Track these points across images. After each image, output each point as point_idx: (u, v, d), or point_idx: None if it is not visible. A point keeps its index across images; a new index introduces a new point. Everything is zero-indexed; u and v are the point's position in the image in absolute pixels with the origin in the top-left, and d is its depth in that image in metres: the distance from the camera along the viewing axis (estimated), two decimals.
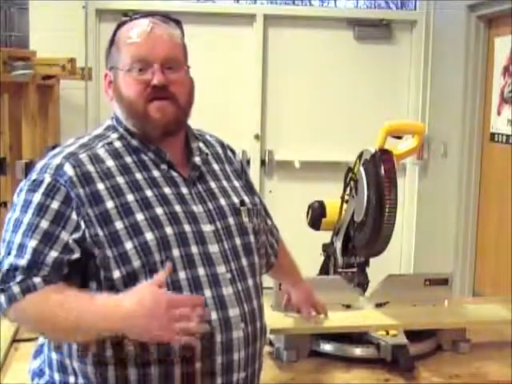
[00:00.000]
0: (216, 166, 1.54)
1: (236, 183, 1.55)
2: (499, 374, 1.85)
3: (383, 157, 1.96)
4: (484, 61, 4.12)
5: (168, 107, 1.41)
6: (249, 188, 1.60)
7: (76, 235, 1.32)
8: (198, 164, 1.48)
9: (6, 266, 1.30)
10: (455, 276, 4.02)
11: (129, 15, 5.13)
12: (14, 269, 1.29)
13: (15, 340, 1.99)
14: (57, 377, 1.40)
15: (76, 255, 1.32)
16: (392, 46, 4.93)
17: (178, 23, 1.50)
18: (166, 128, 1.43)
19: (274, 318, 1.93)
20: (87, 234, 1.32)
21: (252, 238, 1.50)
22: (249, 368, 1.43)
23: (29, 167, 3.47)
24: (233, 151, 1.63)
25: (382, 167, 1.93)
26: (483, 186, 4.18)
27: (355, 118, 4.84)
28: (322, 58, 4.85)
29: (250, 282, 1.46)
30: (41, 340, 1.46)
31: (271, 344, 1.95)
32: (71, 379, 1.38)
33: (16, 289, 1.28)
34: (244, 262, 1.46)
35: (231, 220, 1.46)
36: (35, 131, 3.79)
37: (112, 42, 1.46)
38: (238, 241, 1.46)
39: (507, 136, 3.82)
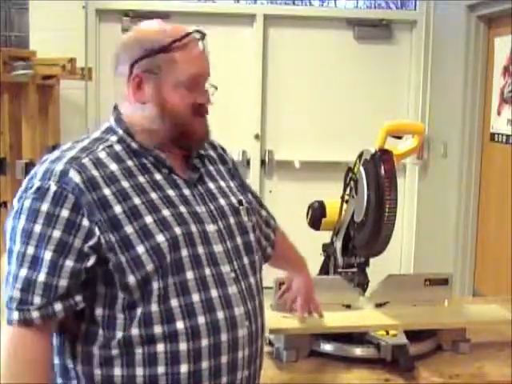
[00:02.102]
0: (211, 167, 1.55)
1: (231, 183, 1.56)
2: (499, 374, 1.84)
3: (383, 157, 1.96)
4: (484, 61, 4.12)
5: (206, 123, 1.47)
6: (242, 186, 1.61)
7: (91, 242, 1.31)
8: (197, 166, 1.49)
9: (21, 280, 1.29)
10: (455, 276, 4.02)
11: (129, 15, 5.09)
12: (33, 284, 1.28)
13: None
14: (59, 381, 1.40)
15: (91, 261, 1.31)
16: (392, 45, 4.93)
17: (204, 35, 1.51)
18: (202, 142, 1.50)
19: (274, 318, 1.93)
20: (103, 240, 1.31)
21: (252, 237, 1.52)
22: (251, 366, 1.45)
23: (29, 167, 3.47)
24: (223, 149, 1.64)
25: (382, 167, 1.93)
26: (483, 186, 4.18)
27: (355, 117, 4.84)
28: (322, 58, 4.85)
29: (252, 280, 1.47)
30: None
31: (271, 344, 1.95)
32: (73, 383, 1.38)
33: (35, 314, 1.28)
34: (245, 260, 1.47)
35: (231, 219, 1.47)
36: (35, 131, 3.79)
37: (163, 48, 1.41)
38: (239, 240, 1.47)
39: (507, 136, 3.82)
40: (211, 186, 1.50)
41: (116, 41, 1.48)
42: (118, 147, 1.41)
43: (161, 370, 1.33)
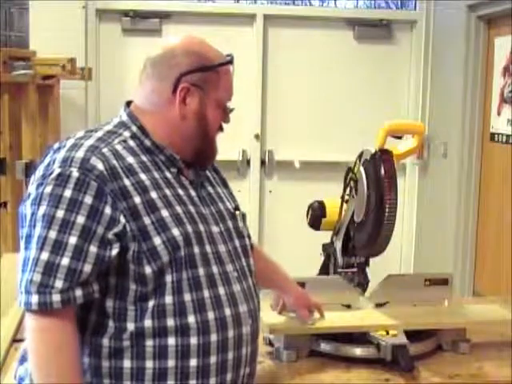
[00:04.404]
0: (209, 174, 1.59)
1: (225, 190, 1.62)
2: (499, 374, 1.84)
3: (383, 157, 1.96)
4: (484, 61, 4.12)
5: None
6: (232, 195, 1.65)
7: (116, 229, 1.32)
8: (200, 172, 1.53)
9: (42, 264, 1.29)
10: (455, 276, 4.02)
11: (129, 15, 5.11)
12: (55, 268, 1.28)
13: (15, 340, 1.99)
14: None
15: (115, 251, 1.33)
16: (392, 45, 4.93)
17: None
18: (214, 159, 1.57)
19: (274, 318, 1.93)
20: (128, 228, 1.33)
21: (247, 241, 1.57)
22: (252, 364, 1.49)
23: (29, 167, 3.47)
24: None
25: (382, 167, 1.93)
26: (483, 186, 4.18)
27: (355, 117, 4.83)
28: (322, 58, 4.85)
29: (250, 281, 1.52)
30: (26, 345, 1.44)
31: (271, 344, 1.95)
32: None
33: (56, 297, 1.28)
34: (244, 262, 1.52)
35: (230, 223, 1.53)
36: (35, 131, 3.79)
37: (214, 67, 1.46)
38: (237, 243, 1.52)
39: (507, 136, 3.82)
40: (210, 190, 1.55)
41: (162, 43, 1.50)
42: (131, 142, 1.44)
43: (171, 363, 1.35)
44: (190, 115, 1.45)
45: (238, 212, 1.57)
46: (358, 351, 1.90)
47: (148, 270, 1.34)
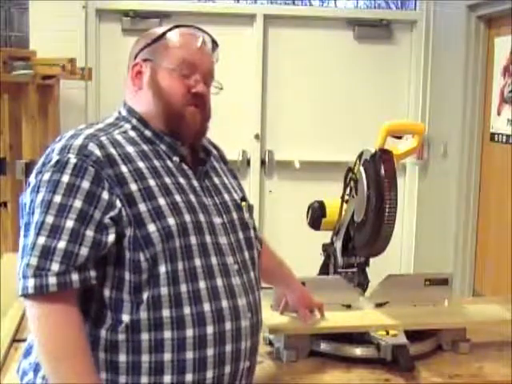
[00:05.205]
0: (216, 164, 1.59)
1: (232, 181, 1.61)
2: (499, 374, 1.84)
3: (383, 157, 1.96)
4: (484, 61, 4.12)
5: (198, 115, 1.49)
6: (240, 186, 1.65)
7: (112, 213, 1.33)
8: (204, 160, 1.54)
9: (39, 248, 1.29)
10: (455, 276, 4.02)
11: (129, 15, 5.11)
12: (51, 251, 1.29)
13: (15, 340, 1.99)
14: None
15: (112, 236, 1.33)
16: (392, 45, 4.93)
17: (216, 44, 1.60)
18: (196, 135, 1.51)
19: (274, 318, 1.93)
20: (123, 213, 1.34)
21: (252, 233, 1.56)
22: (252, 358, 1.48)
23: (29, 167, 3.47)
24: (223, 153, 1.69)
25: (382, 167, 1.93)
26: (483, 186, 4.18)
27: (355, 118, 4.84)
28: (322, 58, 4.85)
29: (252, 274, 1.51)
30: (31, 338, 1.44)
31: (271, 344, 1.95)
32: None
33: (52, 280, 1.28)
34: (246, 255, 1.51)
35: (234, 215, 1.52)
36: (35, 131, 3.79)
37: (159, 38, 1.49)
38: (240, 235, 1.51)
39: (507, 136, 3.82)
40: (216, 180, 1.54)
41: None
42: (132, 133, 1.46)
43: (167, 356, 1.35)
44: (144, 86, 1.48)
45: (244, 203, 1.56)
46: (358, 351, 1.90)
47: (142, 257, 1.34)
